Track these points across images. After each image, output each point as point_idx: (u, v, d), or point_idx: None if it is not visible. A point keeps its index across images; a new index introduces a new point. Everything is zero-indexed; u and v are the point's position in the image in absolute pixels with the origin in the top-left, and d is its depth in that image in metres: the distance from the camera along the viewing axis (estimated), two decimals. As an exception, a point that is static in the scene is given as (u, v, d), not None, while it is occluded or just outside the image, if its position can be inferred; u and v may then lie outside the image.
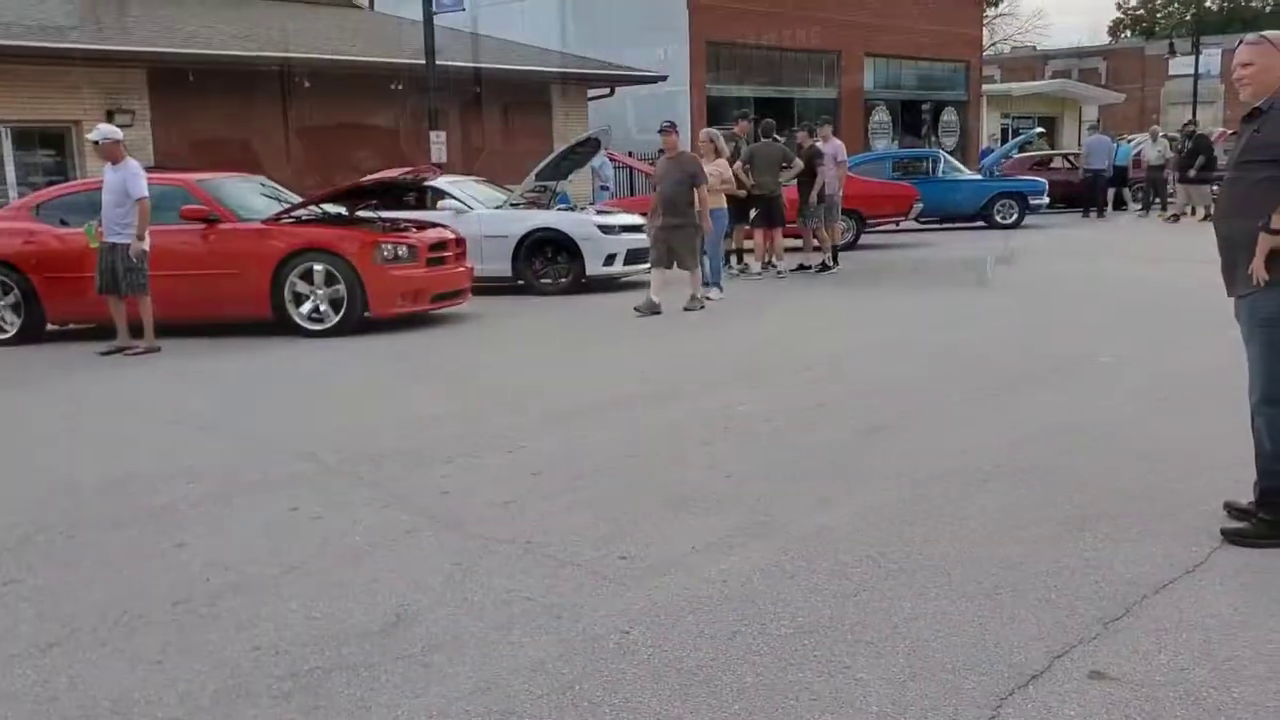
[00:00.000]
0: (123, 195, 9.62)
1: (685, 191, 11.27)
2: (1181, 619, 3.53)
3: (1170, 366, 7.53)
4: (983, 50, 38.61)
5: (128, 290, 9.76)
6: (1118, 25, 77.29)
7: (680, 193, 11.27)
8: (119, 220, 9.68)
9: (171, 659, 3.47)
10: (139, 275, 9.72)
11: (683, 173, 11.33)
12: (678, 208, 11.27)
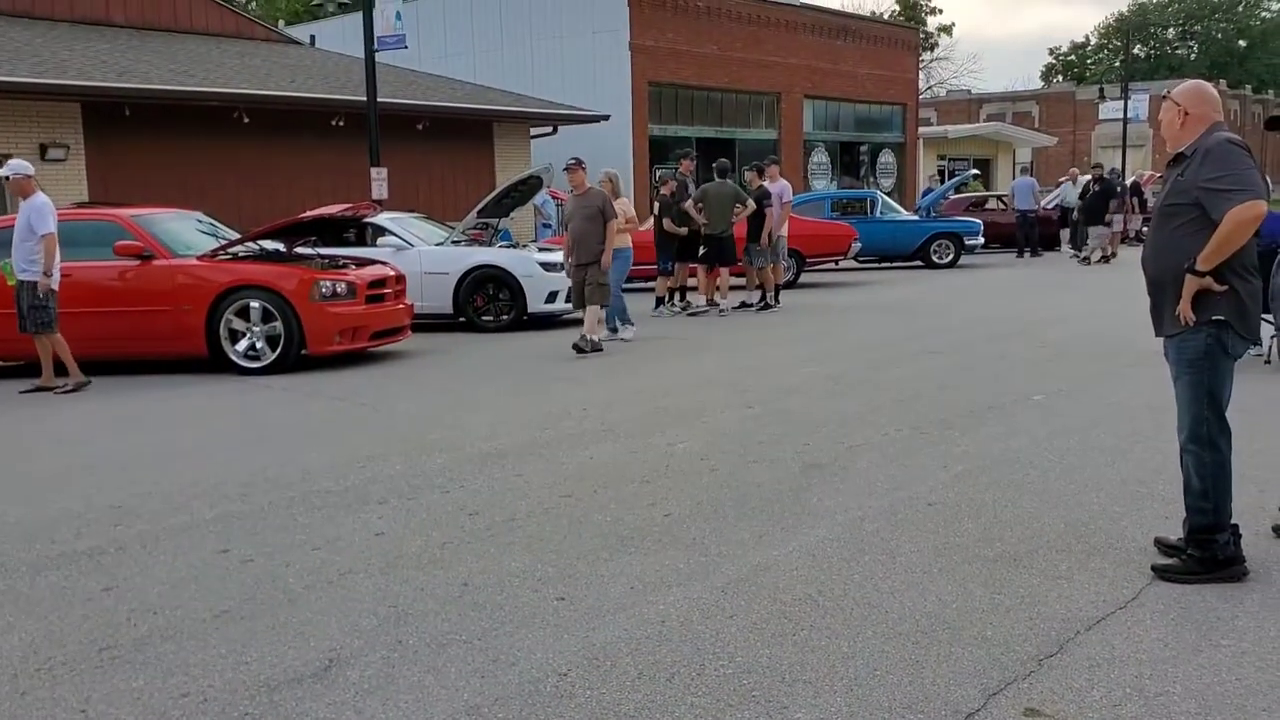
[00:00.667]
0: (28, 231, 9.42)
1: (596, 229, 11.22)
2: (1114, 655, 3.57)
3: (1101, 405, 7.66)
4: (919, 93, 39.35)
5: (32, 328, 9.51)
6: (1050, 70, 79.32)
7: (590, 230, 11.22)
8: (25, 257, 9.47)
9: (96, 707, 3.37)
10: (43, 313, 9.48)
11: (591, 208, 11.26)
12: (588, 245, 11.23)
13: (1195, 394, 4.20)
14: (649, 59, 26.75)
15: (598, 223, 11.23)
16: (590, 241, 11.22)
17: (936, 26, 65.22)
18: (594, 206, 11.28)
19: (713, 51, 28.22)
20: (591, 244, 11.22)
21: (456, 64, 27.46)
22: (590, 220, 11.23)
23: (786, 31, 30.48)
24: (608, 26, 26.53)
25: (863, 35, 33.60)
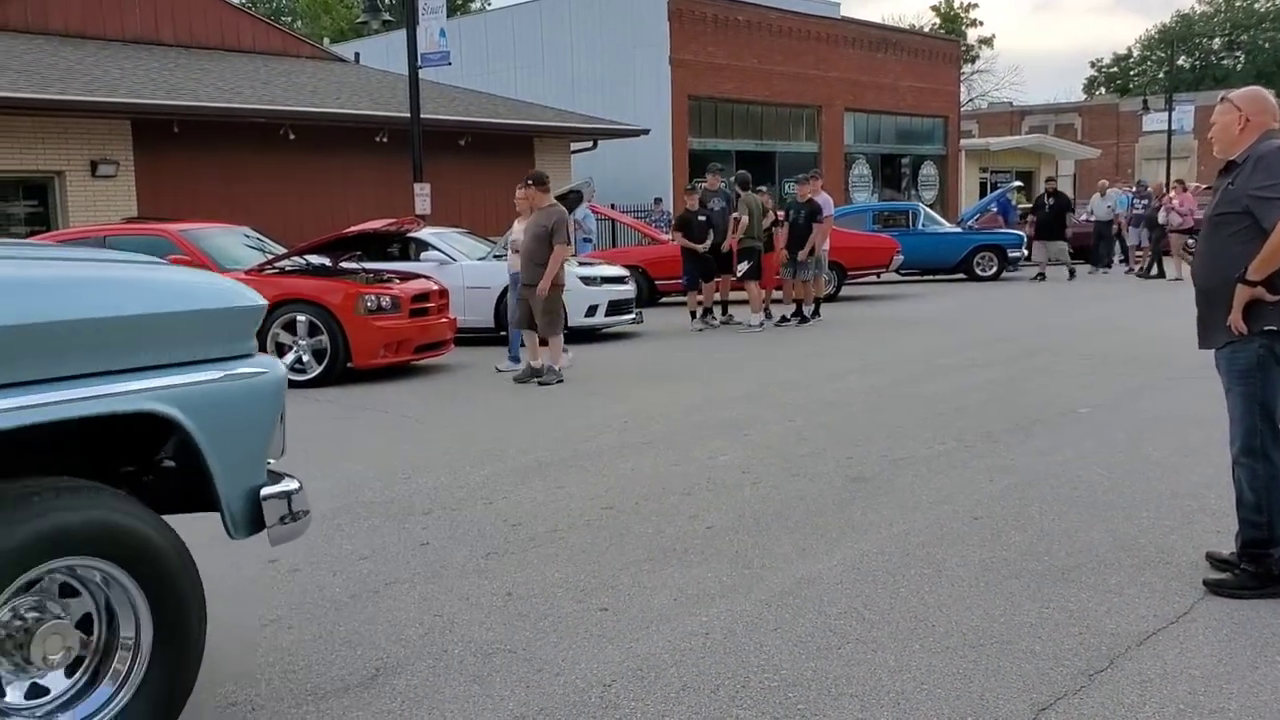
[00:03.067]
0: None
1: (541, 249, 10.22)
2: (1166, 671, 3.51)
3: (1148, 418, 7.57)
4: (960, 105, 39.16)
5: None
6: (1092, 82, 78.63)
7: (535, 249, 10.25)
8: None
9: (145, 714, 3.40)
10: None
11: (542, 228, 10.25)
12: (530, 267, 10.29)
13: (1247, 406, 4.14)
14: (689, 73, 26.82)
15: (544, 243, 10.20)
16: (531, 263, 10.27)
17: (977, 39, 65.00)
18: (544, 226, 10.24)
19: (753, 65, 28.25)
20: (532, 265, 10.27)
21: (498, 80, 27.67)
22: (538, 240, 10.22)
23: (827, 45, 30.45)
24: (648, 41, 26.64)
25: (903, 48, 33.51)
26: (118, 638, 2.95)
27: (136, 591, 2.93)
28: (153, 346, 3.03)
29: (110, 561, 2.86)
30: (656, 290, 17.74)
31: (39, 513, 2.70)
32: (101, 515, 2.84)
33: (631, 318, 14.36)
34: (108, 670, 2.93)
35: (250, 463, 3.27)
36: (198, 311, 3.19)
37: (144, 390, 2.94)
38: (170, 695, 3.02)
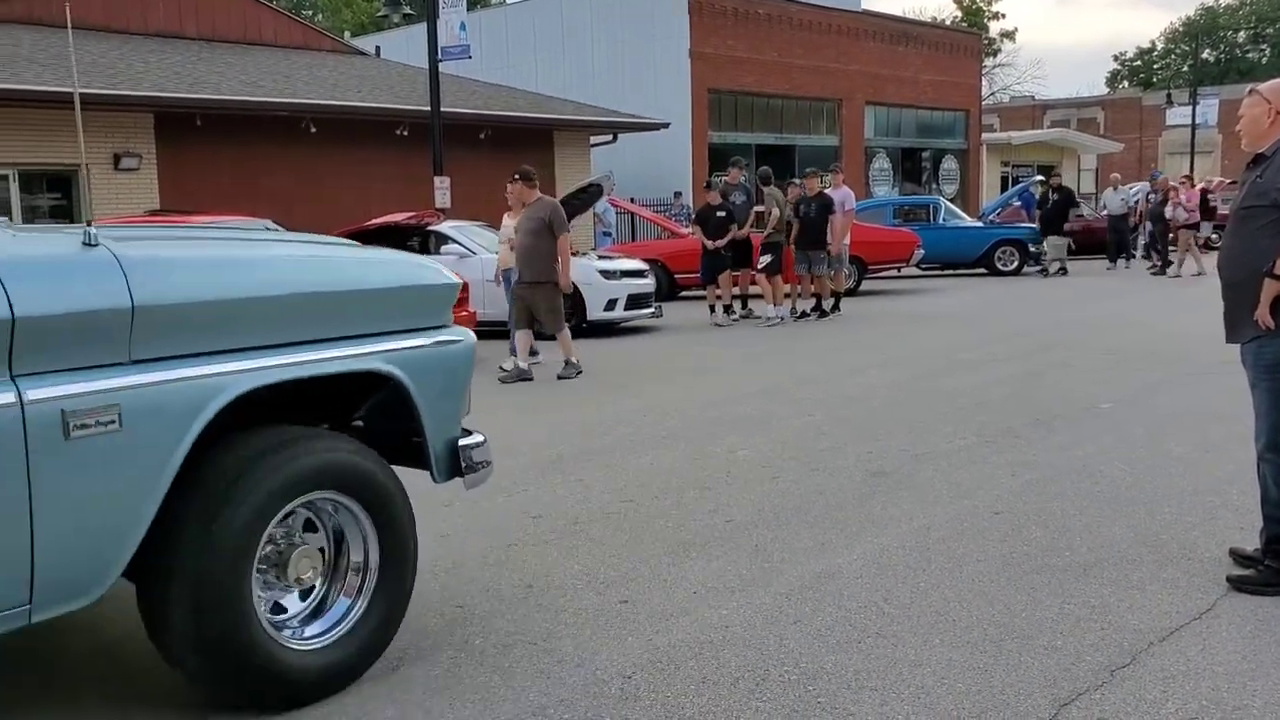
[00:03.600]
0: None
1: (543, 244, 10.00)
2: (1189, 667, 3.49)
3: (1169, 413, 7.52)
4: (982, 99, 38.96)
5: None
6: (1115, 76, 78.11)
7: (535, 245, 10.00)
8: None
9: (164, 708, 3.43)
10: None
11: (538, 221, 10.02)
12: (533, 263, 10.04)
13: (1274, 400, 4.11)
14: (709, 66, 26.77)
15: (544, 238, 10.02)
16: (535, 258, 10.03)
17: (999, 32, 64.62)
18: (540, 219, 10.05)
19: (773, 58, 28.17)
20: (536, 261, 10.04)
21: (518, 73, 27.69)
22: (535, 235, 10.01)
23: (848, 38, 30.34)
24: (668, 35, 26.59)
25: (924, 41, 33.35)
26: (349, 560, 3.56)
27: (366, 520, 3.53)
28: (379, 316, 3.65)
29: (347, 495, 3.47)
30: (676, 284, 17.74)
31: (298, 455, 3.29)
32: (341, 457, 3.42)
33: (651, 312, 14.35)
34: (344, 587, 3.54)
35: (450, 418, 3.88)
36: (411, 287, 3.81)
37: (374, 353, 3.55)
38: (395, 604, 3.62)
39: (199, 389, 3.08)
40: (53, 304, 2.84)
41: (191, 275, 3.21)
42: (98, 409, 2.87)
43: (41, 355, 2.82)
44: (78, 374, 2.87)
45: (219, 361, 3.16)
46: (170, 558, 3.09)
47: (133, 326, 2.97)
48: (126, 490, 2.97)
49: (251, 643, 3.19)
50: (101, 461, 2.90)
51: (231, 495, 3.14)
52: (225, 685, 3.24)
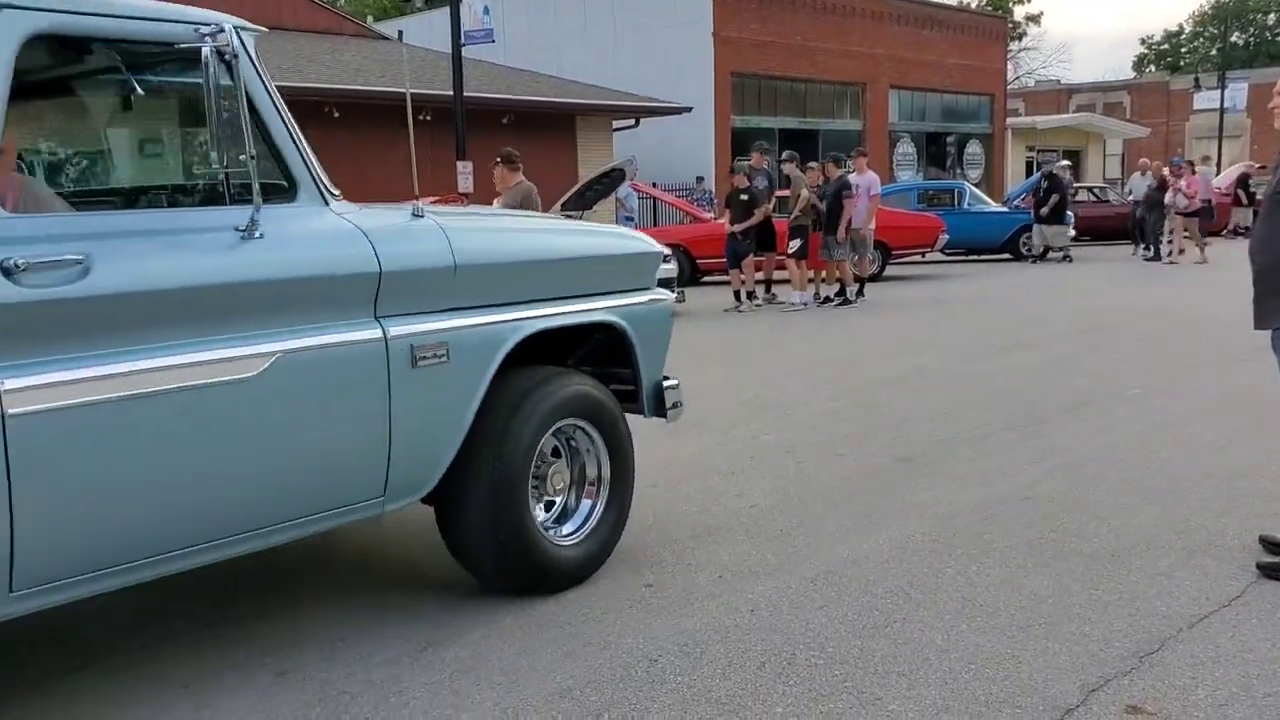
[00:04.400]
0: None
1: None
2: (1219, 654, 3.47)
3: (1199, 399, 7.46)
4: (1007, 83, 38.66)
5: None
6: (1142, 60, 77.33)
7: None
8: None
9: (197, 684, 3.46)
10: None
11: (514, 203, 9.77)
12: None
13: (1305, 387, 4.07)
14: (732, 50, 26.66)
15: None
16: None
17: (1024, 16, 64.00)
18: (513, 205, 9.69)
19: (797, 42, 28.03)
20: None
21: (540, 58, 27.64)
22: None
23: (872, 21, 30.15)
24: (691, 18, 26.49)
25: (950, 25, 33.11)
26: (587, 474, 4.35)
27: (600, 441, 4.33)
28: (608, 278, 4.46)
29: (588, 421, 4.26)
30: (698, 269, 17.69)
31: (558, 387, 4.10)
32: (586, 389, 4.24)
33: (673, 296, 14.31)
34: (585, 495, 4.34)
35: (657, 364, 4.70)
36: (631, 255, 4.67)
37: (607, 307, 4.38)
38: (622, 509, 4.45)
39: (499, 331, 3.91)
40: (404, 261, 3.61)
41: (492, 242, 4.09)
42: (434, 344, 3.66)
43: (395, 302, 3.58)
44: (417, 317, 3.64)
45: (510, 310, 3.97)
46: (473, 471, 3.84)
47: (454, 280, 3.75)
48: (451, 408, 3.77)
49: (531, 541, 3.99)
50: (436, 385, 3.69)
51: (516, 417, 3.93)
52: (512, 578, 4.03)
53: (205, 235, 3.20)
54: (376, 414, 3.52)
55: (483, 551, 3.97)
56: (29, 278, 2.74)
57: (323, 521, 3.55)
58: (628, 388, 4.58)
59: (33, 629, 3.92)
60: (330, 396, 3.42)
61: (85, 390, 2.84)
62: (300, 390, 3.33)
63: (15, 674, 3.56)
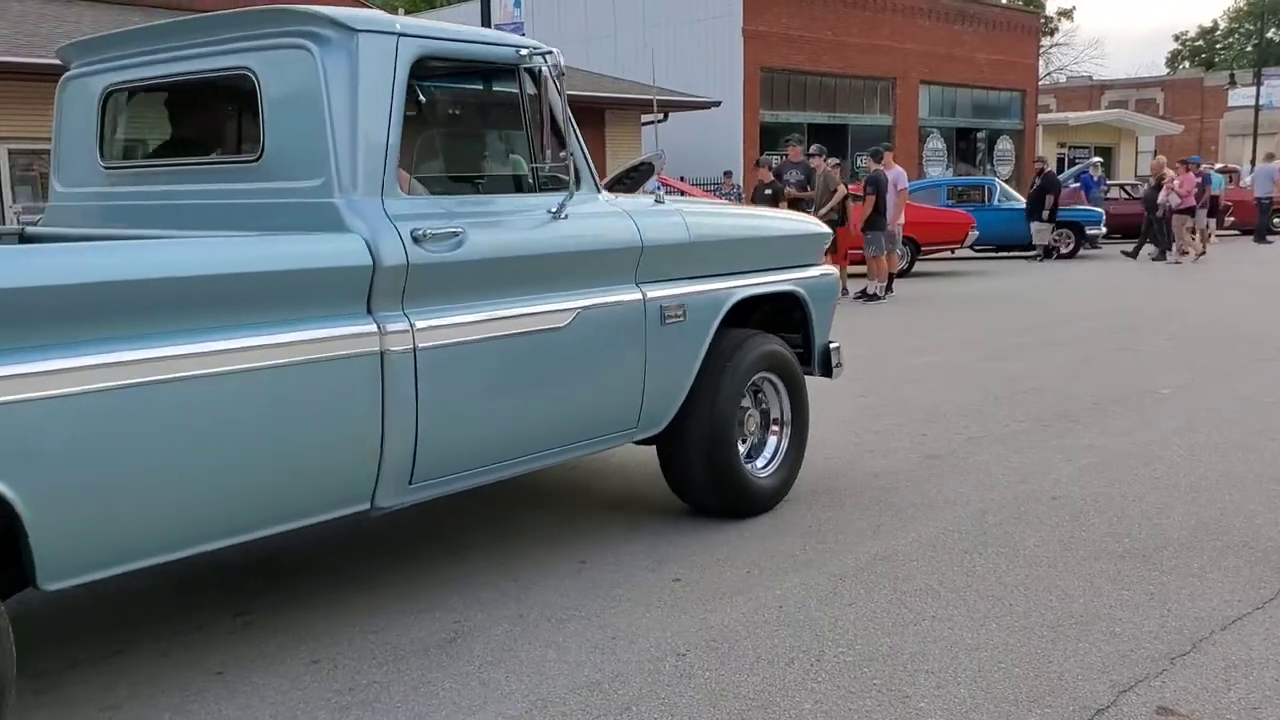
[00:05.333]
0: None
1: None
2: (1252, 656, 3.45)
3: (1231, 399, 7.39)
4: (1039, 79, 38.36)
5: None
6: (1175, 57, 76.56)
7: None
8: None
9: (231, 670, 3.50)
10: None
11: None
12: None
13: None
14: (762, 44, 26.58)
15: None
16: None
17: (1057, 11, 63.50)
18: None
19: (827, 36, 27.91)
20: None
21: (570, 51, 27.27)
22: None
23: (903, 16, 29.98)
24: (720, 12, 26.42)
25: (981, 20, 32.87)
26: (772, 417, 5.19)
27: (784, 391, 5.18)
28: (788, 254, 5.30)
29: (775, 374, 5.11)
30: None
31: (756, 346, 4.93)
32: (776, 348, 5.07)
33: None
34: (770, 433, 5.18)
35: (825, 329, 5.49)
36: (805, 235, 5.56)
37: (790, 279, 5.22)
38: (801, 446, 5.27)
39: (720, 296, 4.75)
40: (657, 237, 4.45)
41: (714, 222, 5.00)
42: (676, 305, 4.51)
43: (649, 270, 4.42)
44: (664, 283, 4.49)
45: (726, 279, 4.81)
46: (694, 413, 4.66)
47: (690, 253, 4.61)
48: (685, 359, 4.61)
49: (738, 472, 4.85)
50: (676, 339, 4.53)
51: (727, 369, 4.75)
52: (724, 504, 4.88)
53: (531, 215, 4.07)
54: (637, 360, 4.38)
55: (701, 483, 4.84)
56: (429, 245, 3.61)
57: (595, 445, 4.49)
58: (796, 350, 5.35)
59: (73, 615, 3.98)
60: (610, 345, 4.31)
61: (464, 332, 3.71)
62: (591, 339, 4.20)
63: (57, 657, 3.61)
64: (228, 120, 4.28)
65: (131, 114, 4.44)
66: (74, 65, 4.44)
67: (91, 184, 4.41)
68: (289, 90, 3.65)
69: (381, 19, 3.79)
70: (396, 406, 3.49)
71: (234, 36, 3.81)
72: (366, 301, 3.47)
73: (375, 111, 3.60)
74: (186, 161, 4.22)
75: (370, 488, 3.56)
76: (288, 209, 3.63)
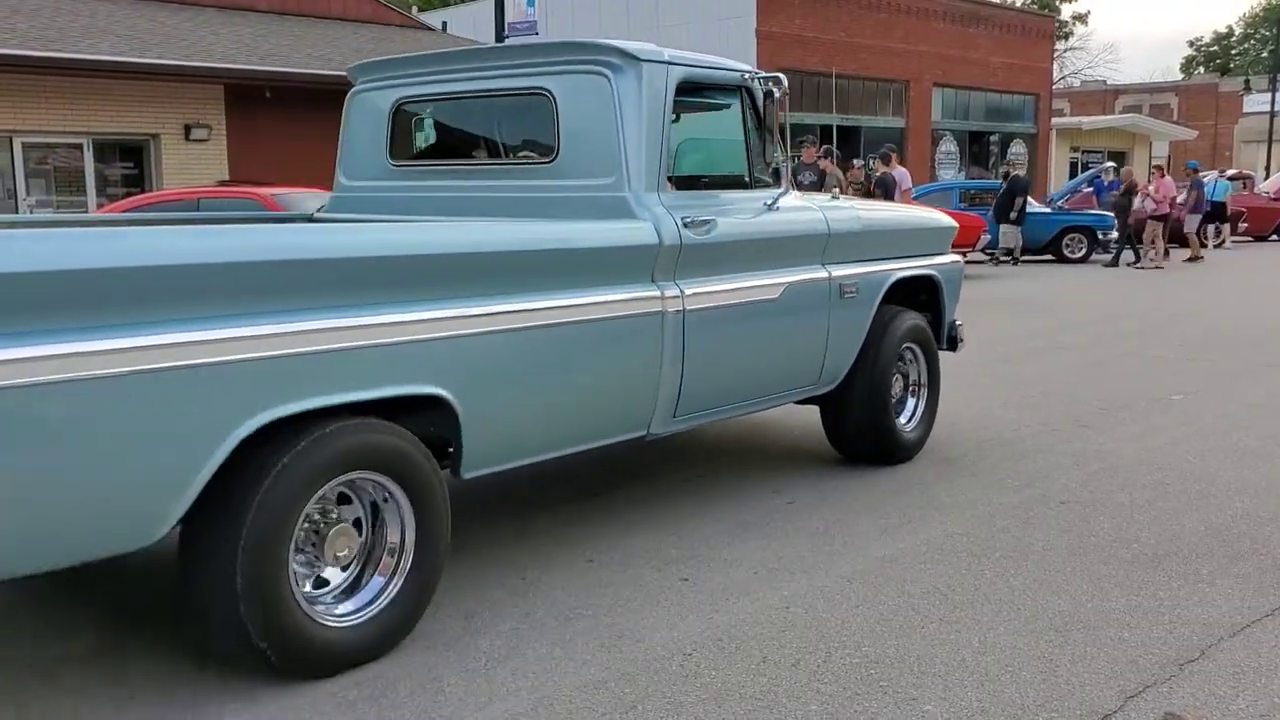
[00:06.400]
0: None
1: None
2: (1261, 663, 3.43)
3: (1242, 405, 7.36)
4: (1053, 83, 38.25)
5: None
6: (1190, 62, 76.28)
7: None
8: None
9: (236, 663, 3.50)
10: None
11: None
12: None
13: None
14: (775, 46, 26.54)
15: None
16: None
17: (1071, 14, 63.32)
18: None
19: (841, 38, 27.86)
20: None
21: (583, 50, 27.62)
22: None
23: (917, 19, 29.91)
24: (734, 13, 26.39)
25: (996, 23, 32.77)
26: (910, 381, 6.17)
27: (923, 358, 6.14)
28: (926, 243, 6.20)
29: (917, 345, 6.04)
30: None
31: (904, 321, 5.82)
32: (919, 323, 6.00)
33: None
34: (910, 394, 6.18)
35: (953, 308, 6.41)
36: (939, 227, 6.44)
37: (921, 266, 6.04)
38: (933, 407, 6.32)
39: (882, 277, 5.66)
40: (839, 226, 5.39)
41: (878, 215, 5.97)
42: (852, 283, 5.40)
43: (832, 253, 5.34)
44: (842, 264, 5.38)
45: (884, 263, 5.71)
46: (857, 377, 5.58)
47: (860, 240, 5.52)
48: (856, 329, 5.52)
49: (891, 426, 5.81)
50: (850, 312, 5.44)
51: (883, 339, 5.64)
52: (879, 454, 5.82)
53: (752, 208, 4.94)
54: (823, 328, 5.29)
55: (859, 437, 5.79)
56: (693, 229, 4.49)
57: (789, 397, 5.42)
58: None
59: (84, 603, 3.99)
60: (805, 314, 5.18)
61: (716, 299, 4.61)
62: (794, 309, 5.11)
63: (70, 645, 3.62)
64: (519, 129, 5.11)
65: (421, 122, 5.35)
66: (360, 81, 5.38)
67: (377, 179, 5.30)
68: (584, 106, 4.55)
69: (656, 51, 4.61)
70: (670, 354, 4.42)
71: (532, 63, 4.73)
72: (651, 273, 4.38)
73: (653, 123, 4.49)
74: (477, 162, 5.20)
75: (648, 418, 4.50)
76: (581, 201, 4.50)
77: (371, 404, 3.38)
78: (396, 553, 3.54)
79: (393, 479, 3.47)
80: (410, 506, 3.54)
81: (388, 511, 3.53)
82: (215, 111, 17.33)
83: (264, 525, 3.11)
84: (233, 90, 17.34)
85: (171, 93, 16.77)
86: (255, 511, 3.09)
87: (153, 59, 16.16)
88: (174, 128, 16.86)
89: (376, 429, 3.41)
